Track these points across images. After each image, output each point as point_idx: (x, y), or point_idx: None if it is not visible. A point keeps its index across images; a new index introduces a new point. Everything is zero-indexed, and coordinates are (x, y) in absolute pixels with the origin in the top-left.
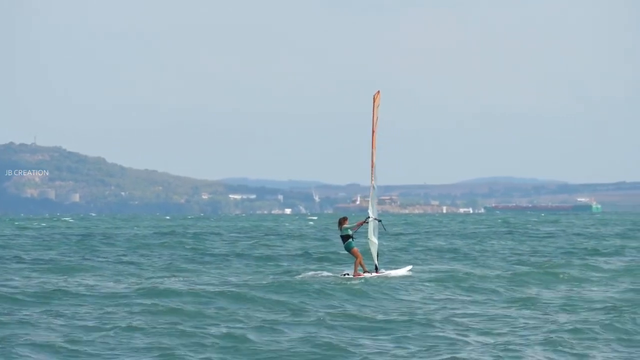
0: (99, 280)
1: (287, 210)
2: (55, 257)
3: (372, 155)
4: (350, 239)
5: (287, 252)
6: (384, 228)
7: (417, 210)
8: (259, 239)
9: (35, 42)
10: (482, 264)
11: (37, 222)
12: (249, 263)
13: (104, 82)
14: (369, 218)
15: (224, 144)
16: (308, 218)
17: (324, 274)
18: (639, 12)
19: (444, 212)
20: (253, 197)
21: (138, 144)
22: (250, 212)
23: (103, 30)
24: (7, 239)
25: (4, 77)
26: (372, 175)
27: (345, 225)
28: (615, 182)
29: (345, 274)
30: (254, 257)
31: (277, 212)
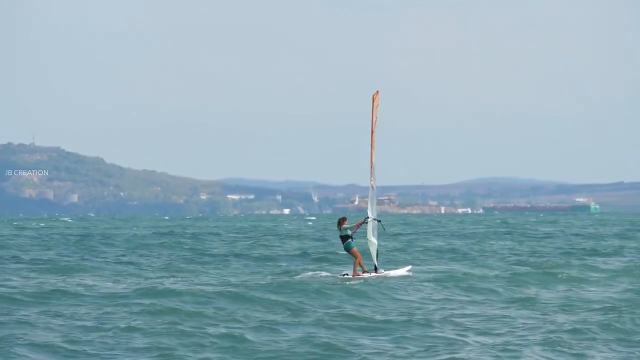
0: (98, 281)
1: (285, 211)
2: (54, 257)
3: (371, 156)
4: (350, 239)
5: (285, 252)
6: (384, 228)
7: (415, 211)
8: (258, 239)
9: (35, 42)
10: (480, 264)
11: (35, 222)
12: (248, 263)
13: (104, 82)
14: (368, 218)
15: (223, 144)
16: (307, 218)
17: (323, 274)
18: (639, 12)
19: (442, 212)
20: (251, 197)
21: (137, 144)
22: (249, 212)
23: (103, 30)
24: (5, 239)
25: (4, 77)
26: (371, 176)
27: (345, 226)
28: (614, 182)
29: (344, 274)
30: (253, 257)
31: (275, 212)
